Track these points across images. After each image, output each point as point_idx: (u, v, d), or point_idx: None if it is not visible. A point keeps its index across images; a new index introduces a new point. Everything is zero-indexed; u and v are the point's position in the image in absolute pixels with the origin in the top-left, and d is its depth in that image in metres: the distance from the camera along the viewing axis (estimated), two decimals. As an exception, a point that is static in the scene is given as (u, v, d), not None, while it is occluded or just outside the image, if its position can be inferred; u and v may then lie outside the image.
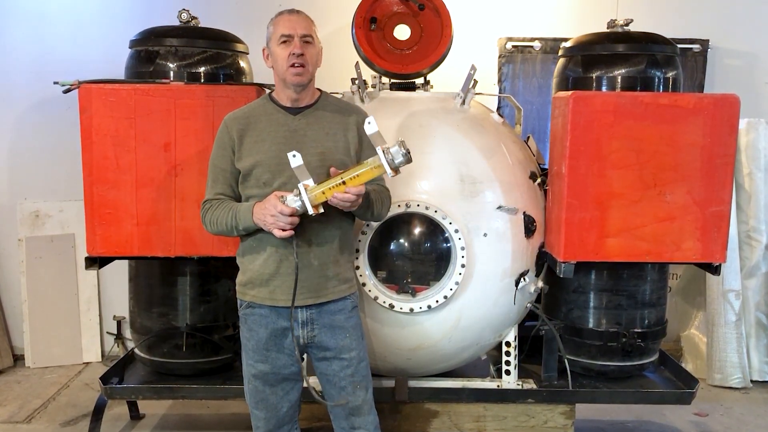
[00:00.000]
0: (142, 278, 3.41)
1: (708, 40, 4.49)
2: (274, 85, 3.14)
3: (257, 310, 2.51)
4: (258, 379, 2.54)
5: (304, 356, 2.67)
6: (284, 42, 2.42)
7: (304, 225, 2.40)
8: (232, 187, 2.51)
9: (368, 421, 2.61)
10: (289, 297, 2.42)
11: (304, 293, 2.45)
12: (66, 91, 3.00)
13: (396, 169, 2.32)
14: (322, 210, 2.34)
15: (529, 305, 3.30)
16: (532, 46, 4.47)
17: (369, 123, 2.31)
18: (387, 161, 2.30)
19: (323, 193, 2.30)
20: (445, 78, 3.60)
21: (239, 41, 3.41)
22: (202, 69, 3.24)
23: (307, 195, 2.29)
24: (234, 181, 2.51)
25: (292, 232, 2.33)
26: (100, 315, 4.70)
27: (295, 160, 2.28)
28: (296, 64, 2.41)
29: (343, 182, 2.30)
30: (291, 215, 2.30)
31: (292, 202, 2.30)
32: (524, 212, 3.13)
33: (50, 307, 4.59)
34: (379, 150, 2.31)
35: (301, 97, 2.50)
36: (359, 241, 2.91)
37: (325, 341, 2.52)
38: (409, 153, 2.31)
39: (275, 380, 2.53)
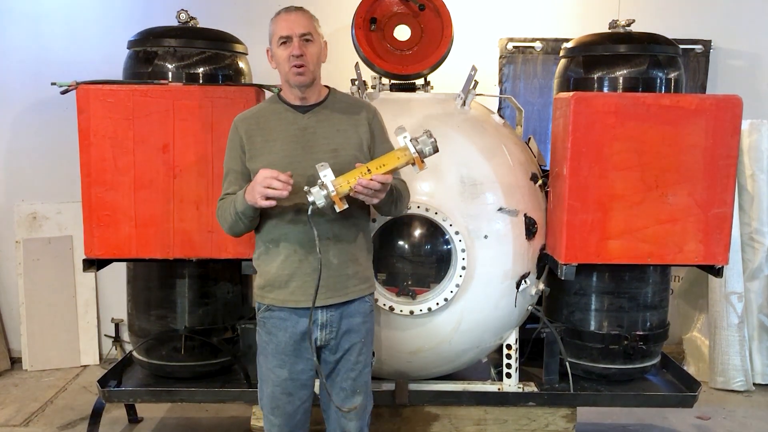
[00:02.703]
0: (141, 280, 3.38)
1: (710, 41, 4.48)
2: (273, 86, 3.17)
3: (277, 313, 2.48)
4: (277, 386, 2.50)
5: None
6: (284, 43, 2.39)
7: (322, 223, 2.38)
8: (243, 188, 2.44)
9: (353, 428, 2.59)
10: (309, 297, 2.39)
11: (324, 293, 2.42)
12: (64, 92, 2.98)
13: (423, 159, 2.29)
14: (346, 205, 2.27)
15: (530, 308, 3.27)
16: (533, 47, 4.46)
17: (399, 127, 2.33)
18: (416, 150, 2.27)
19: (348, 182, 2.24)
20: (446, 79, 3.58)
21: (238, 42, 3.39)
22: (200, 70, 3.22)
23: (332, 184, 2.23)
24: (245, 181, 2.46)
25: (273, 202, 2.26)
26: (98, 317, 4.68)
27: (323, 167, 2.24)
28: (297, 65, 2.38)
29: (369, 170, 2.25)
30: (283, 180, 2.24)
31: (318, 195, 2.23)
32: (525, 214, 3.11)
33: (48, 309, 4.57)
34: (406, 140, 2.28)
35: (308, 95, 2.47)
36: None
37: (340, 343, 2.51)
38: (436, 142, 2.30)
39: (293, 387, 2.50)
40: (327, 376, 2.56)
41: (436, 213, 2.92)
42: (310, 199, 2.25)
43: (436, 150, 2.32)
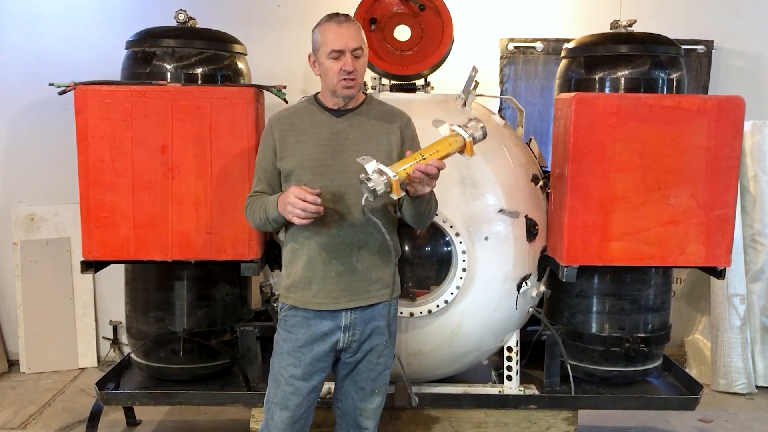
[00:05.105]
0: (139, 282, 3.36)
1: (712, 41, 4.46)
2: (272, 87, 3.16)
3: (300, 312, 2.49)
4: (289, 386, 2.49)
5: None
6: (335, 57, 2.37)
7: (347, 230, 2.40)
8: (272, 186, 2.51)
9: (371, 426, 2.63)
10: (332, 300, 2.43)
11: (347, 296, 2.45)
12: (61, 93, 2.97)
13: (473, 145, 2.27)
14: (403, 192, 2.22)
15: (531, 310, 3.26)
16: (534, 47, 4.44)
17: (437, 120, 2.35)
18: (470, 135, 2.25)
19: (404, 168, 2.19)
20: (446, 79, 3.56)
21: (237, 42, 3.37)
22: (199, 70, 3.20)
23: (391, 170, 2.17)
24: (274, 180, 2.51)
25: (311, 219, 2.29)
26: (96, 319, 4.66)
27: (368, 159, 2.19)
28: (348, 79, 2.38)
29: (423, 157, 2.22)
30: (310, 201, 2.24)
31: (378, 182, 2.15)
32: (526, 215, 3.10)
33: (45, 311, 4.54)
34: (458, 127, 2.27)
35: (347, 102, 2.49)
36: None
37: (362, 346, 2.52)
38: (485, 127, 2.29)
39: (304, 388, 2.50)
40: (347, 376, 2.57)
41: (437, 214, 2.90)
42: (371, 185, 2.15)
43: (485, 135, 2.31)
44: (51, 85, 3.00)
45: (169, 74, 3.16)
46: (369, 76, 3.35)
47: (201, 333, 3.29)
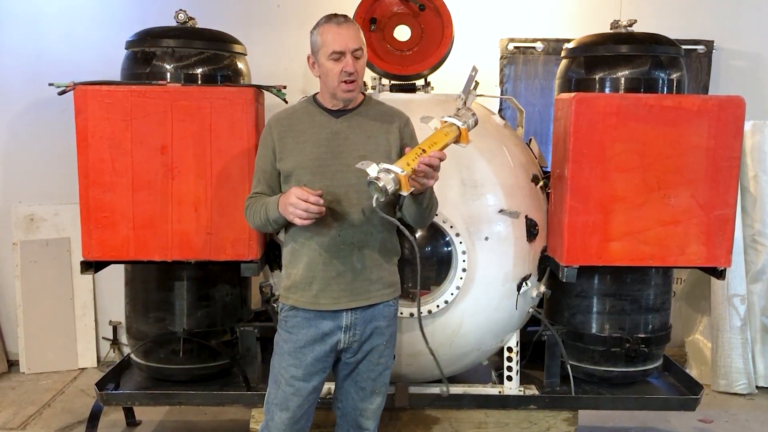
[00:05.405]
0: (139, 282, 3.36)
1: (713, 41, 4.46)
2: (272, 87, 3.15)
3: (301, 313, 2.49)
4: (290, 386, 2.49)
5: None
6: (335, 59, 2.37)
7: (348, 230, 2.41)
8: (271, 187, 2.52)
9: (371, 426, 2.63)
10: (333, 301, 2.44)
11: (347, 296, 2.45)
12: (61, 93, 2.96)
13: (468, 131, 2.33)
14: (413, 188, 2.22)
15: (531, 310, 3.25)
16: (534, 47, 4.44)
17: (425, 117, 2.37)
18: (462, 123, 2.30)
19: (408, 164, 2.19)
20: (446, 79, 3.56)
21: (237, 42, 3.37)
22: (199, 70, 3.19)
23: (397, 167, 2.16)
24: (273, 182, 2.52)
25: (313, 220, 2.29)
26: (95, 320, 4.65)
27: (367, 163, 2.18)
28: (348, 81, 2.38)
29: (423, 151, 2.22)
30: (312, 202, 2.25)
31: (388, 180, 2.14)
32: (526, 216, 3.09)
33: (45, 311, 4.54)
34: (449, 117, 2.32)
35: (346, 104, 2.49)
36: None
37: (362, 346, 2.52)
38: (476, 114, 2.33)
39: (305, 389, 2.50)
40: (347, 376, 2.57)
41: (436, 215, 2.90)
42: (381, 184, 2.14)
43: (477, 122, 2.37)
44: (51, 85, 3.00)
45: (168, 74, 3.15)
46: (369, 76, 3.35)
47: (201, 333, 3.28)
